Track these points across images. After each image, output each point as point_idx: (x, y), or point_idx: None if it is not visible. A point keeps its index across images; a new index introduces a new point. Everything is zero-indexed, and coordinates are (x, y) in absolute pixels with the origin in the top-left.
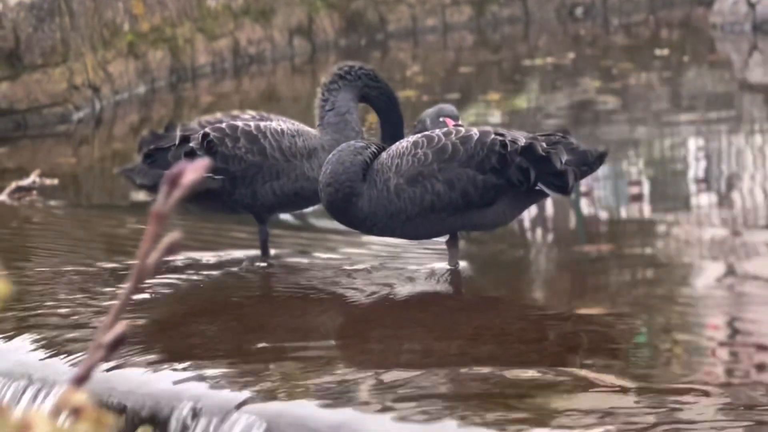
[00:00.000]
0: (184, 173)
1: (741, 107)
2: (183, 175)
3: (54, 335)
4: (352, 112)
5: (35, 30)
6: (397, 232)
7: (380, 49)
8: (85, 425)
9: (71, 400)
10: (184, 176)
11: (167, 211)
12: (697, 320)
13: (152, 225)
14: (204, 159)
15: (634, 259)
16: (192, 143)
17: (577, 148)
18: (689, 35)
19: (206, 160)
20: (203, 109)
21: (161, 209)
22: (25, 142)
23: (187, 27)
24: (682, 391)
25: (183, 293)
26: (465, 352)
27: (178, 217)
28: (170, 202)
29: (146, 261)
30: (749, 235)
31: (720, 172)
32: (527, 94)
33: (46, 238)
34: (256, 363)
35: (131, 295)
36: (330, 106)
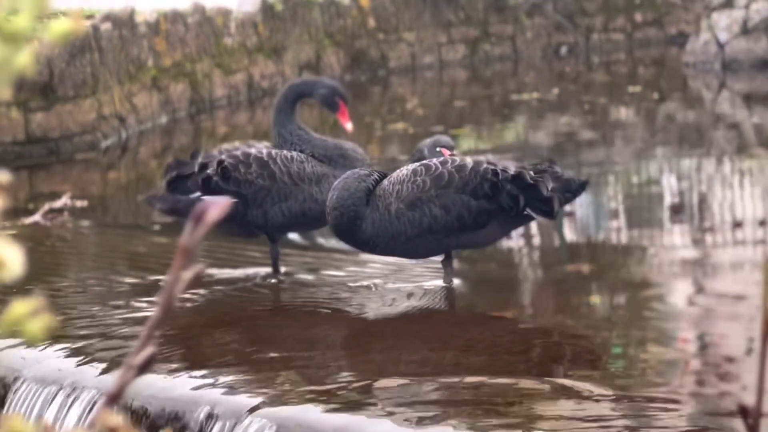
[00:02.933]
0: (209, 211)
1: (710, 139)
2: (208, 212)
3: (82, 345)
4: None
5: (68, 65)
6: (397, 252)
7: (382, 84)
8: None
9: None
10: (208, 213)
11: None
12: (669, 334)
13: (179, 258)
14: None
15: (612, 278)
16: (209, 170)
17: (561, 177)
18: (664, 73)
19: (228, 199)
20: (220, 138)
21: (187, 243)
22: (58, 167)
23: (205, 63)
24: (656, 399)
25: (201, 306)
26: (458, 363)
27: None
28: (196, 237)
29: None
30: (717, 256)
31: (691, 198)
32: (516, 126)
33: (76, 256)
34: (267, 371)
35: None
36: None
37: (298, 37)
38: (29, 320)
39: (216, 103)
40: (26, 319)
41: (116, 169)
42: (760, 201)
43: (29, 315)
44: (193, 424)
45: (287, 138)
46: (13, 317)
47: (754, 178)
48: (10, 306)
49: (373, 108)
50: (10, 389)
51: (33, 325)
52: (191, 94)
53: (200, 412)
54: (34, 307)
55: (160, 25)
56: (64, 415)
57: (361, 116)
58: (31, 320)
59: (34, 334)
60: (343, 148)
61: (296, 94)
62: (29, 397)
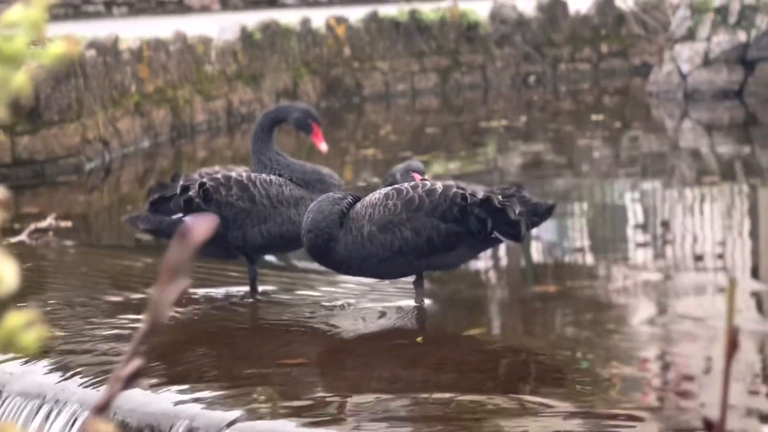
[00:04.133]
0: (195, 229)
1: (672, 164)
2: (193, 230)
3: (65, 360)
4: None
5: (53, 90)
6: (370, 273)
7: (356, 110)
8: None
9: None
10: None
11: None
12: (632, 353)
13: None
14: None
15: (577, 298)
16: (191, 192)
17: (528, 201)
18: (628, 102)
19: (214, 217)
20: (200, 161)
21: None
22: (43, 189)
23: (186, 89)
24: (620, 416)
25: (181, 324)
26: (428, 380)
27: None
28: (182, 255)
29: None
30: (678, 278)
31: (653, 222)
32: (485, 152)
33: (60, 274)
34: (245, 386)
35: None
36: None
37: (276, 65)
38: (24, 332)
39: (196, 128)
40: (21, 330)
41: (100, 191)
42: (719, 226)
43: (24, 327)
44: None
45: (266, 164)
46: (8, 329)
47: (714, 204)
48: (5, 318)
49: (347, 134)
50: None
51: (27, 336)
52: (172, 119)
53: (180, 426)
54: (28, 319)
55: (143, 53)
56: (48, 428)
57: (336, 142)
58: (25, 332)
59: (28, 345)
60: (320, 172)
61: (271, 121)
62: (14, 410)
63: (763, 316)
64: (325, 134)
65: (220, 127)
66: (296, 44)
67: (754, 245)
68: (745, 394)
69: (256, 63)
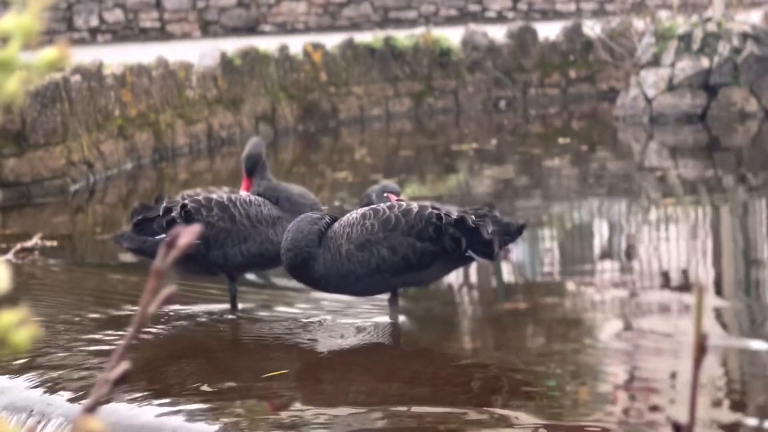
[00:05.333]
0: (181, 236)
1: (638, 186)
2: (179, 238)
3: (51, 374)
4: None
5: (39, 114)
6: (347, 290)
7: (332, 134)
8: None
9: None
10: (180, 239)
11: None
12: (600, 368)
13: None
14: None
15: (546, 315)
16: (173, 213)
17: (500, 221)
18: (596, 125)
19: (198, 226)
20: (181, 183)
21: (160, 266)
22: (29, 210)
23: (168, 113)
24: (588, 428)
25: (163, 339)
26: (403, 393)
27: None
28: (168, 260)
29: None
30: (644, 295)
31: (620, 241)
32: (457, 174)
33: (46, 292)
34: (225, 400)
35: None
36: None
37: (255, 90)
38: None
39: (178, 151)
40: (12, 329)
41: (84, 212)
42: (684, 244)
43: (15, 325)
44: None
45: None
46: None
47: (679, 224)
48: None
49: (324, 156)
50: None
51: (19, 334)
52: (155, 142)
53: None
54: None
55: (126, 78)
56: None
57: (313, 164)
58: (17, 330)
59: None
60: (306, 194)
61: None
62: None
63: (726, 332)
64: (302, 157)
65: (201, 150)
66: (274, 70)
67: (716, 263)
68: (709, 406)
69: (236, 88)
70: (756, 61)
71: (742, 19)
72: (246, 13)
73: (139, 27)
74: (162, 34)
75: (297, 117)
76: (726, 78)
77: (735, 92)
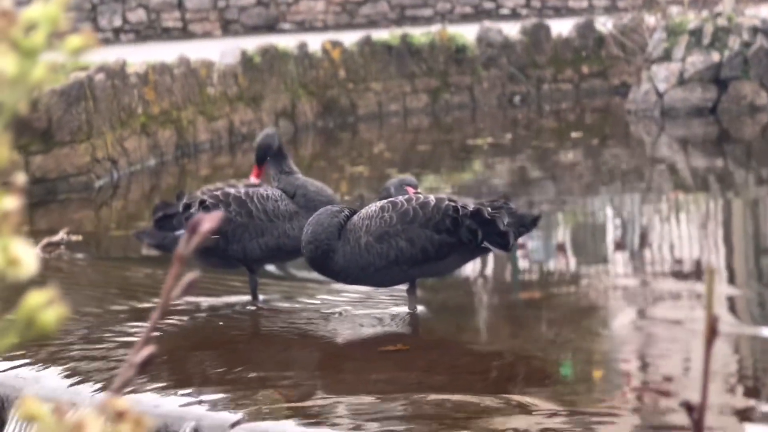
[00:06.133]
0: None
1: (650, 178)
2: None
3: (77, 366)
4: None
5: (64, 113)
6: (366, 282)
7: (351, 129)
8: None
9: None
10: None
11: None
12: (613, 355)
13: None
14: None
15: (561, 304)
16: (192, 209)
17: (516, 212)
18: (608, 119)
19: (220, 213)
20: (203, 179)
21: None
22: (55, 206)
23: (190, 110)
24: (602, 414)
25: (187, 331)
26: (422, 381)
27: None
28: (191, 246)
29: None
30: (656, 284)
31: (632, 232)
32: (473, 167)
33: (72, 285)
34: (247, 389)
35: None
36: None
37: (274, 87)
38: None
39: (199, 147)
40: (41, 309)
41: (108, 207)
42: (695, 235)
43: (43, 306)
44: None
45: (275, 177)
46: (29, 308)
47: (690, 214)
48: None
49: (343, 151)
50: (11, 407)
51: (47, 315)
52: (177, 139)
53: (186, 427)
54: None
55: (149, 76)
56: None
57: (332, 159)
58: (45, 311)
59: (48, 323)
60: (323, 190)
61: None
62: None
63: (738, 319)
64: (322, 152)
65: (222, 146)
66: (294, 67)
67: (727, 253)
68: (722, 393)
69: (256, 85)
70: (766, 55)
71: (752, 14)
72: (265, 11)
73: (162, 26)
74: (184, 33)
75: (316, 113)
76: (736, 72)
77: (745, 86)
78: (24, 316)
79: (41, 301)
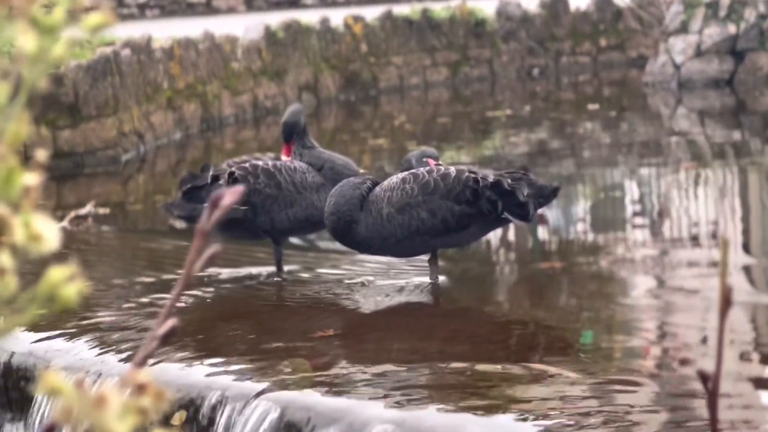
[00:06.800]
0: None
1: (668, 149)
2: (223, 198)
3: (105, 336)
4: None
5: (91, 87)
6: (389, 252)
7: (373, 103)
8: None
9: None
10: (223, 199)
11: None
12: (632, 324)
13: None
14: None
15: (580, 274)
16: (220, 181)
17: (535, 184)
18: (626, 91)
19: (241, 187)
20: (228, 152)
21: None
22: (83, 179)
23: (215, 85)
24: (621, 382)
25: (212, 302)
26: (443, 351)
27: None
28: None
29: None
30: (674, 254)
31: (650, 202)
32: (493, 139)
33: (99, 257)
34: (272, 359)
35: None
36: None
37: (297, 61)
38: (64, 286)
39: (224, 121)
40: (62, 284)
41: (135, 180)
42: (712, 205)
43: (64, 281)
44: (205, 407)
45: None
46: (50, 283)
47: (707, 185)
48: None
49: (365, 124)
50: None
51: (68, 290)
52: (202, 113)
53: (212, 397)
54: (68, 273)
55: (174, 51)
56: None
57: (355, 132)
58: (65, 286)
59: (68, 298)
60: (350, 165)
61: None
62: None
63: (754, 288)
64: (344, 125)
65: (246, 119)
66: (316, 42)
67: (744, 222)
68: (738, 360)
69: (280, 60)
70: None
71: None
72: None
73: (186, 2)
74: (208, 9)
75: (339, 87)
76: (752, 43)
77: (761, 57)
78: (45, 291)
79: (62, 277)
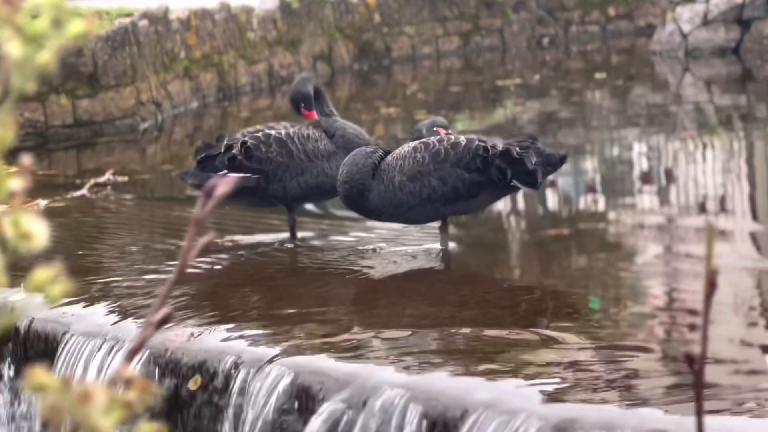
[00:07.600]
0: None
1: (675, 117)
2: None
3: (123, 302)
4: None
5: (110, 57)
6: (400, 219)
7: (386, 72)
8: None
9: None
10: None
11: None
12: (640, 290)
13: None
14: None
15: (589, 240)
16: (234, 150)
17: (543, 152)
18: (634, 60)
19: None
20: (244, 120)
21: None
22: (101, 148)
23: (231, 54)
24: (629, 348)
25: (227, 268)
26: (453, 316)
27: (224, 208)
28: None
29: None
30: (682, 221)
31: (658, 170)
32: (503, 108)
33: (118, 225)
34: (285, 325)
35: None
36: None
37: (312, 31)
38: (50, 285)
39: (240, 90)
40: (47, 283)
41: (153, 149)
42: (719, 172)
43: (50, 280)
44: (220, 371)
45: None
46: (36, 283)
47: (715, 152)
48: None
49: (378, 93)
50: (60, 342)
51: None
52: (219, 82)
53: (227, 362)
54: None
55: (190, 22)
56: (108, 363)
57: (368, 100)
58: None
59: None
60: (361, 134)
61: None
62: (77, 349)
63: (761, 254)
64: (358, 94)
65: (262, 88)
66: (330, 12)
67: (751, 189)
68: (745, 326)
69: (295, 30)
70: None
71: None
72: None
73: None
74: None
75: (352, 56)
76: (759, 12)
77: (767, 26)
78: (32, 288)
79: (47, 277)
